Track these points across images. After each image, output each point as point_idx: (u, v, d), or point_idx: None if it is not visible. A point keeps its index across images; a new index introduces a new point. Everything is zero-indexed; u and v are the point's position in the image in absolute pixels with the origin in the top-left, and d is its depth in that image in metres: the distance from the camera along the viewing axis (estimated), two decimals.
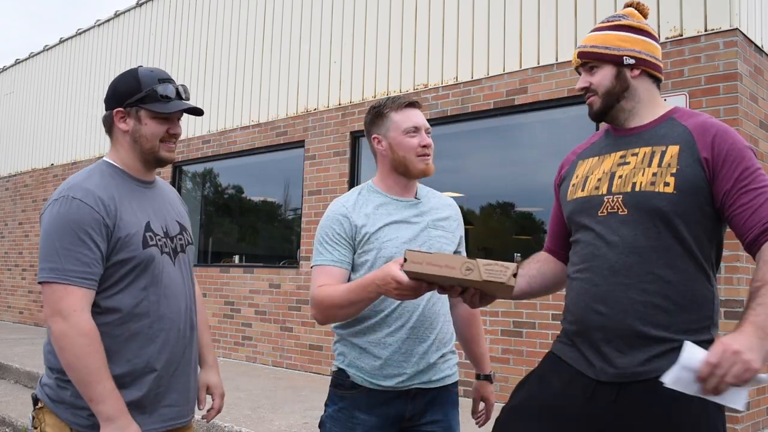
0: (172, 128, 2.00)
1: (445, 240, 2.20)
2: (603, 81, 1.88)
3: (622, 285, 1.75)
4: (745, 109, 4.95)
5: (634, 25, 1.90)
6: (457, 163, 6.80)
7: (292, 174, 8.16)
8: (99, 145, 11.06)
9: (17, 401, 6.20)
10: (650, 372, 1.70)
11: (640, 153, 1.81)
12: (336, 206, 2.19)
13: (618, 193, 1.79)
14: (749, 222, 1.67)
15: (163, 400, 1.95)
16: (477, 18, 6.45)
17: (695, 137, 1.75)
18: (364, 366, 2.10)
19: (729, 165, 1.70)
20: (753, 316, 1.55)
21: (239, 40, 8.89)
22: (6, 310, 12.83)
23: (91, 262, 1.81)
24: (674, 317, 1.71)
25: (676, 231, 1.72)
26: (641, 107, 1.88)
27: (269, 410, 5.37)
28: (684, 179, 1.71)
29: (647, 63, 1.87)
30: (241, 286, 8.25)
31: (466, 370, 6.08)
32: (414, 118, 2.17)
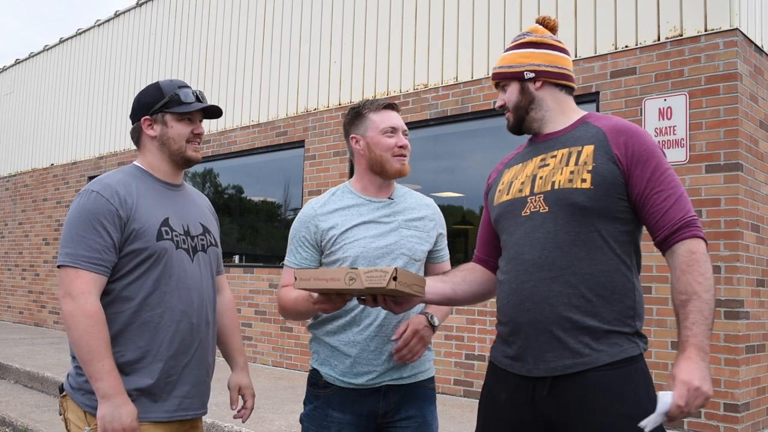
0: (196, 128, 2.19)
1: (417, 240, 2.23)
2: (511, 97, 2.01)
3: (547, 279, 1.82)
4: (745, 109, 4.95)
5: (534, 40, 2.01)
6: (457, 163, 6.80)
7: (292, 174, 8.16)
8: (99, 145, 11.06)
9: (17, 401, 6.20)
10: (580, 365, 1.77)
11: (558, 154, 1.90)
12: (307, 208, 2.28)
13: (539, 192, 1.88)
14: (660, 222, 1.78)
15: (175, 390, 2.04)
16: (477, 18, 6.45)
17: (608, 137, 1.84)
18: (336, 365, 2.16)
19: (641, 166, 1.79)
20: (692, 337, 1.68)
21: (239, 40, 8.89)
22: (6, 310, 12.83)
23: (101, 249, 1.95)
24: (598, 308, 1.78)
25: (594, 225, 1.80)
26: (552, 114, 1.98)
27: (269, 410, 5.37)
28: (600, 175, 1.80)
29: (548, 74, 1.97)
30: (241, 286, 8.25)
31: (466, 370, 6.09)
32: (392, 119, 2.23)
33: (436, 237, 2.31)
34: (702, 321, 1.69)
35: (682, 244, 1.76)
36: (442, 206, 7.46)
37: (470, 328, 6.12)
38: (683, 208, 1.78)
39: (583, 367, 1.77)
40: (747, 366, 4.82)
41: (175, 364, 2.04)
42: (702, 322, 1.69)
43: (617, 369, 1.77)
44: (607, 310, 1.78)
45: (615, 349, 1.77)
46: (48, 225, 11.90)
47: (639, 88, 5.32)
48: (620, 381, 1.76)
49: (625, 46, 5.44)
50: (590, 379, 1.76)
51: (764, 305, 5.16)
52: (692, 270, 1.73)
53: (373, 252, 2.14)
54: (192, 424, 2.13)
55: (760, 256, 5.11)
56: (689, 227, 1.77)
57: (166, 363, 2.01)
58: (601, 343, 1.77)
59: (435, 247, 2.31)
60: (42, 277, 11.90)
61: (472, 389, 6.04)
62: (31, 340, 9.66)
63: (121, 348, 1.98)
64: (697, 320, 1.68)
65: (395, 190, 2.31)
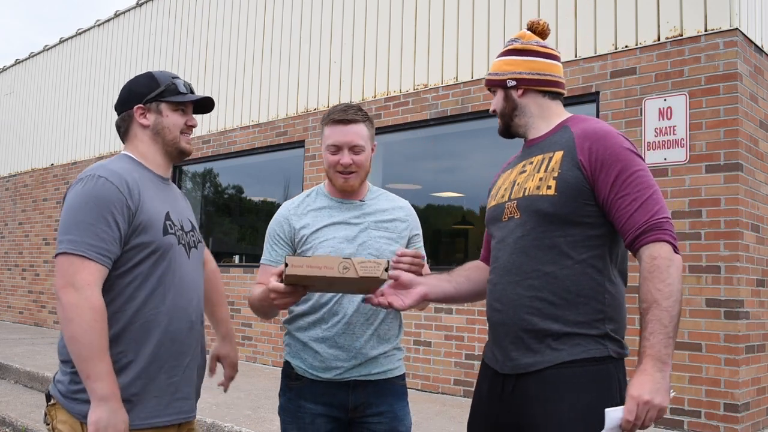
0: (190, 120, 2.12)
1: (386, 240, 2.27)
2: (497, 104, 2.08)
3: (513, 282, 1.88)
4: (745, 109, 4.95)
5: (518, 47, 2.04)
6: (457, 163, 6.80)
7: (292, 174, 8.16)
8: (99, 145, 11.06)
9: (17, 401, 6.20)
10: (540, 363, 1.81)
11: (535, 161, 1.95)
12: (282, 209, 2.36)
13: (514, 199, 1.94)
14: (624, 227, 1.77)
15: (178, 391, 1.97)
16: (477, 18, 6.45)
17: (576, 142, 1.85)
18: (306, 358, 2.22)
19: (606, 171, 1.79)
20: (649, 348, 1.66)
21: (239, 40, 8.89)
22: (6, 310, 12.83)
23: (109, 240, 1.84)
24: (562, 311, 1.80)
25: (559, 230, 1.83)
26: (535, 121, 2.03)
27: (269, 410, 5.37)
28: (564, 182, 1.82)
29: (529, 81, 2.01)
30: (241, 286, 8.25)
31: (466, 370, 6.09)
32: (337, 135, 2.22)
33: (409, 238, 2.36)
34: (660, 330, 1.67)
35: (645, 249, 1.74)
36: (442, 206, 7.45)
37: (470, 328, 6.12)
38: (649, 211, 1.75)
39: (543, 365, 1.80)
40: (747, 366, 4.83)
41: (177, 364, 1.96)
42: (660, 331, 1.67)
43: (576, 367, 1.78)
44: (572, 313, 1.80)
45: (576, 348, 1.79)
46: (48, 225, 11.90)
47: (639, 88, 5.32)
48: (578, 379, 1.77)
49: (625, 46, 5.44)
50: (548, 376, 1.80)
51: (764, 305, 5.16)
52: (653, 277, 1.70)
53: (341, 252, 2.19)
54: (189, 426, 2.09)
55: (760, 256, 5.11)
56: (653, 231, 1.73)
57: (167, 363, 1.93)
58: (562, 343, 1.80)
59: (408, 247, 2.35)
60: (42, 277, 11.90)
61: (472, 389, 6.02)
62: (31, 340, 9.66)
63: (123, 348, 1.87)
64: (655, 329, 1.67)
65: (369, 192, 2.37)
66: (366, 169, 2.29)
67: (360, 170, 2.25)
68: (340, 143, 2.22)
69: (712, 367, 4.77)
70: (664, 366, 1.66)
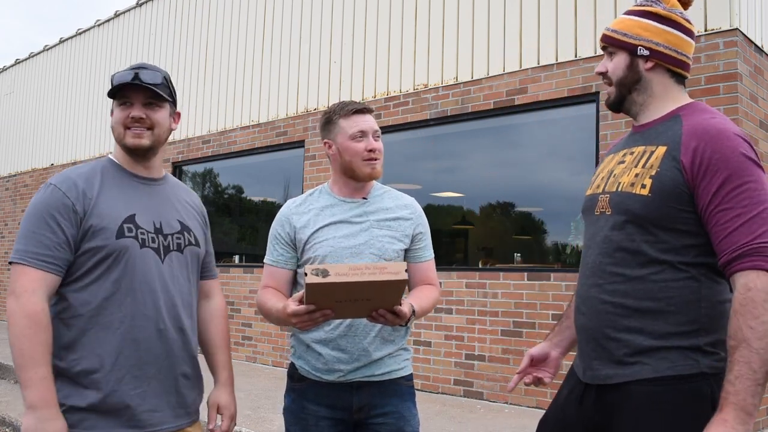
0: (133, 111, 1.95)
1: (389, 239, 2.23)
2: (616, 69, 1.80)
3: (596, 286, 1.73)
4: (745, 109, 4.95)
5: (661, 13, 1.76)
6: (457, 163, 6.80)
7: (292, 174, 8.16)
8: (99, 145, 11.06)
9: (17, 401, 6.20)
10: (621, 376, 1.67)
11: (636, 152, 1.75)
12: (285, 207, 2.35)
13: (607, 192, 1.76)
14: (721, 245, 1.56)
15: (143, 402, 1.88)
16: (477, 18, 6.45)
17: (683, 139, 1.63)
18: (310, 360, 2.20)
19: (710, 177, 1.56)
20: (733, 395, 1.46)
21: (239, 40, 8.89)
22: (6, 310, 12.82)
23: (53, 245, 1.82)
24: (648, 320, 1.64)
25: (650, 234, 1.65)
26: (653, 102, 1.78)
27: (269, 410, 5.36)
28: (660, 182, 1.62)
29: (663, 56, 1.75)
30: (241, 286, 8.25)
31: (466, 370, 6.09)
32: (361, 123, 2.24)
33: (413, 236, 2.30)
34: (748, 375, 1.45)
35: (740, 276, 1.51)
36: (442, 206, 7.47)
37: (470, 328, 6.12)
38: (753, 231, 1.51)
39: (624, 378, 1.65)
40: None
41: (140, 374, 1.87)
42: (748, 377, 1.45)
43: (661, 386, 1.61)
44: (659, 323, 1.63)
45: (662, 363, 1.61)
46: None
47: None
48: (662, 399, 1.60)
49: None
50: (633, 393, 1.64)
51: None
52: (745, 311, 1.48)
53: (342, 251, 2.17)
54: None
55: None
56: (752, 256, 1.50)
57: (129, 373, 1.85)
58: (646, 356, 1.63)
59: (413, 245, 2.30)
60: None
61: (472, 389, 6.04)
62: None
63: (77, 356, 1.82)
64: (743, 374, 1.45)
65: (373, 189, 2.34)
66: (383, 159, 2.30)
67: (381, 157, 2.26)
68: (367, 129, 2.23)
69: None
70: (749, 418, 1.45)
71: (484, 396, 5.95)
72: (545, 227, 6.36)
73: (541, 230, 6.37)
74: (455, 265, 6.54)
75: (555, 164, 6.14)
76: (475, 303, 6.11)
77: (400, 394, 2.23)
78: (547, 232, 6.33)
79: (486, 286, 6.06)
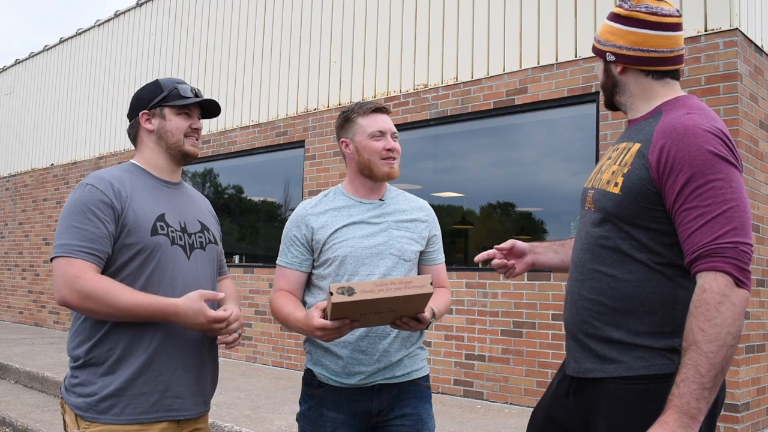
0: (194, 123, 2.17)
1: (407, 240, 2.24)
2: (599, 75, 1.88)
3: (577, 281, 1.77)
4: (745, 109, 4.95)
5: (622, 13, 1.74)
6: (457, 163, 6.80)
7: (292, 174, 8.16)
8: (99, 145, 11.06)
9: (17, 401, 6.20)
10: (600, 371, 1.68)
11: (620, 148, 1.75)
12: (299, 208, 2.31)
13: (592, 188, 1.80)
14: (684, 246, 1.54)
15: (168, 390, 1.99)
16: (477, 18, 6.45)
17: (653, 137, 1.61)
18: (328, 364, 2.17)
19: (674, 176, 1.54)
20: (677, 398, 1.44)
21: (239, 40, 8.89)
22: (6, 310, 12.83)
23: (95, 238, 1.91)
24: (623, 318, 1.63)
25: (622, 232, 1.65)
26: (636, 101, 1.79)
27: (269, 410, 5.37)
28: (630, 181, 1.62)
29: (627, 58, 1.74)
30: (241, 286, 8.25)
31: (466, 370, 6.09)
32: (380, 122, 2.24)
33: (429, 238, 2.32)
34: (694, 378, 1.42)
35: (699, 278, 1.49)
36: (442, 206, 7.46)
37: (470, 328, 6.12)
38: (714, 231, 1.48)
39: (602, 374, 1.67)
40: (747, 366, 4.82)
41: (169, 363, 2.00)
42: (694, 380, 1.42)
43: (637, 384, 1.61)
44: (634, 322, 1.62)
45: (638, 363, 1.61)
46: (48, 225, 11.90)
47: None
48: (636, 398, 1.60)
49: None
50: (606, 389, 1.66)
51: (764, 305, 5.16)
52: (698, 313, 1.46)
53: (363, 252, 2.16)
54: (195, 424, 2.11)
55: (760, 256, 5.11)
56: (711, 257, 1.47)
57: (157, 361, 1.97)
58: (624, 353, 1.63)
59: (427, 248, 2.32)
60: (42, 277, 11.90)
61: (472, 389, 6.04)
62: (31, 340, 9.65)
63: (111, 345, 1.95)
64: (689, 377, 1.43)
65: (387, 191, 2.34)
66: None
67: (399, 157, 2.26)
68: (385, 129, 2.23)
69: None
70: (692, 422, 1.42)
71: (484, 396, 5.95)
72: (545, 227, 6.36)
73: (541, 230, 6.37)
74: (455, 265, 6.54)
75: (555, 164, 6.13)
76: (475, 303, 6.11)
77: (419, 396, 2.23)
78: (547, 232, 6.33)
79: (486, 286, 6.06)
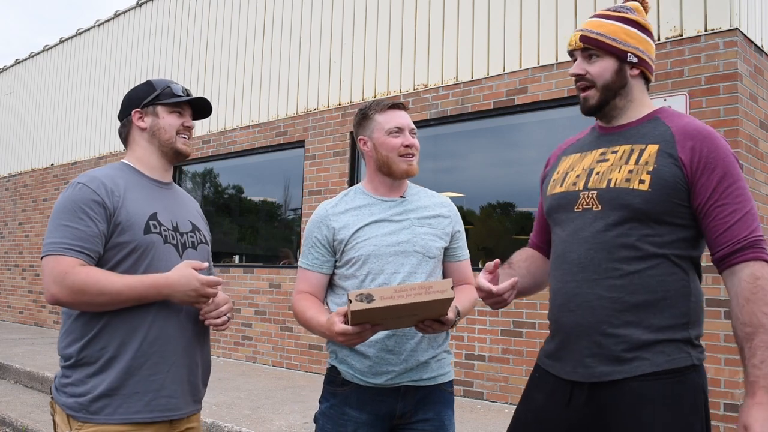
0: (186, 121, 2.17)
1: (431, 237, 2.20)
2: (603, 74, 1.81)
3: (590, 281, 1.73)
4: (745, 109, 4.95)
5: (641, 22, 1.83)
6: (457, 163, 6.80)
7: (292, 174, 8.16)
8: (99, 145, 11.06)
9: (17, 401, 6.20)
10: (620, 372, 1.67)
11: (620, 150, 1.79)
12: (320, 209, 2.28)
13: (594, 189, 1.77)
14: (721, 239, 1.65)
15: (162, 389, 1.98)
16: (477, 18, 6.45)
17: (676, 138, 1.71)
18: (354, 363, 2.12)
19: (708, 174, 1.66)
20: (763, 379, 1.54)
21: (239, 40, 8.89)
22: (6, 310, 12.83)
23: (86, 237, 1.91)
24: (645, 314, 1.67)
25: (647, 228, 1.69)
26: (632, 106, 1.84)
27: (269, 410, 5.37)
28: (660, 177, 1.68)
29: (646, 64, 1.83)
30: (241, 286, 8.25)
31: (466, 370, 6.09)
32: (397, 119, 2.21)
33: (452, 234, 2.28)
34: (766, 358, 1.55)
35: (744, 267, 1.62)
36: None
37: (470, 328, 6.12)
38: (749, 226, 1.63)
39: (622, 375, 1.67)
40: None
41: (161, 362, 1.98)
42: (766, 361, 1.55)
43: (660, 380, 1.65)
44: (656, 317, 1.67)
45: (660, 357, 1.66)
46: None
47: None
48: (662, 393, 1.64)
49: None
50: (628, 389, 1.66)
51: None
52: (757, 298, 1.57)
53: (386, 249, 2.13)
54: (188, 422, 2.10)
55: None
56: (753, 248, 1.62)
57: (151, 360, 1.96)
58: (644, 350, 1.66)
59: (451, 244, 2.28)
60: (42, 277, 11.88)
61: (472, 389, 6.04)
62: (31, 340, 9.65)
63: (104, 344, 1.93)
64: (766, 358, 1.54)
65: (408, 188, 2.31)
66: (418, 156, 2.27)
67: (417, 154, 2.24)
68: (403, 125, 2.21)
69: (712, 367, 4.77)
70: None
71: (484, 396, 5.95)
72: None
73: None
74: None
75: None
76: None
77: (443, 401, 2.20)
78: None
79: None
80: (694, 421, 1.62)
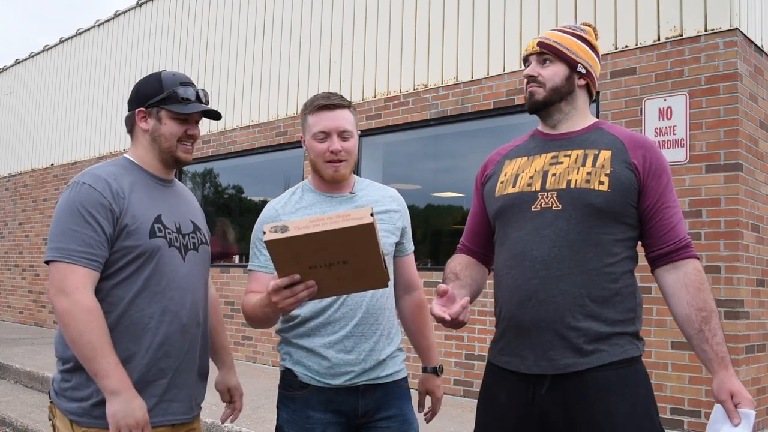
0: (190, 129, 2.09)
1: (384, 233, 2.15)
2: (554, 77, 1.96)
3: (554, 277, 1.81)
4: (745, 109, 4.95)
5: (592, 42, 2.03)
6: (457, 163, 6.80)
7: (292, 174, 8.16)
8: (99, 145, 11.06)
9: (17, 401, 6.20)
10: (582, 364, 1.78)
11: (573, 154, 1.92)
12: (268, 209, 2.22)
13: (552, 189, 1.87)
14: (667, 237, 1.85)
15: (166, 393, 1.96)
16: (477, 18, 6.45)
17: (627, 146, 1.88)
18: (311, 365, 2.08)
19: (656, 178, 1.85)
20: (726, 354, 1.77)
21: (239, 40, 8.89)
22: (6, 310, 12.83)
23: (95, 243, 1.86)
24: (603, 309, 1.80)
25: (607, 226, 1.83)
26: (576, 114, 1.99)
27: (269, 410, 5.37)
28: (617, 180, 1.83)
29: (592, 78, 2.00)
30: (241, 286, 8.25)
31: (466, 370, 6.08)
32: (324, 121, 2.09)
33: (402, 228, 2.25)
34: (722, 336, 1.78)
35: (689, 262, 1.83)
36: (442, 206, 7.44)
37: (470, 328, 6.12)
38: (683, 227, 1.88)
39: (584, 366, 1.77)
40: (747, 366, 4.82)
41: (165, 367, 1.95)
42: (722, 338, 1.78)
43: (617, 369, 1.78)
44: (611, 311, 1.81)
45: (616, 349, 1.80)
46: (48, 225, 11.89)
47: (639, 88, 5.32)
48: (620, 381, 1.78)
49: (625, 46, 5.44)
50: (590, 379, 1.77)
51: (764, 305, 5.16)
52: (705, 288, 1.80)
53: None
54: (189, 426, 2.08)
55: (760, 256, 5.11)
56: (690, 247, 1.85)
57: (155, 365, 1.93)
58: (603, 343, 1.79)
59: (400, 239, 2.25)
60: (42, 277, 11.89)
61: (472, 389, 6.04)
62: (31, 340, 9.66)
63: None
64: (722, 338, 1.78)
65: (357, 183, 2.24)
66: (355, 157, 2.16)
67: (350, 158, 2.12)
68: (329, 129, 2.08)
69: None
70: None
71: None
72: None
73: None
74: None
75: None
76: (475, 303, 6.08)
77: (402, 397, 2.20)
78: None
79: (486, 286, 6.05)
80: (649, 403, 1.79)
